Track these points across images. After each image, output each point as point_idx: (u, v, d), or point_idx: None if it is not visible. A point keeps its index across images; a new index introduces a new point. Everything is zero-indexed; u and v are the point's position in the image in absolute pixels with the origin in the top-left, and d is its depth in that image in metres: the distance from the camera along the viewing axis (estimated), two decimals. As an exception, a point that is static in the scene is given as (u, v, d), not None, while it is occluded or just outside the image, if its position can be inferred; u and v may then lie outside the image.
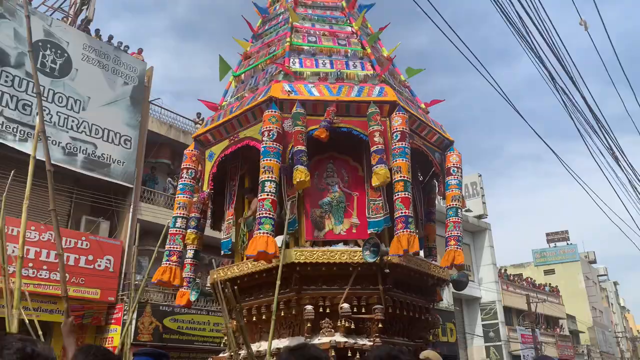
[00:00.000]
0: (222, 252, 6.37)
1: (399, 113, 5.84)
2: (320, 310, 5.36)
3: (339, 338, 5.13)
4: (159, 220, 16.24)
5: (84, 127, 16.10)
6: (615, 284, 63.46)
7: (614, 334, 52.89)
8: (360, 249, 5.41)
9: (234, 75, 7.13)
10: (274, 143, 5.50)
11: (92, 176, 15.58)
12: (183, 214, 6.45)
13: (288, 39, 6.57)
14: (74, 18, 17.97)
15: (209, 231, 18.03)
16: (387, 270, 5.20)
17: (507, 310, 32.35)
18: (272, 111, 5.64)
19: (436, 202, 7.69)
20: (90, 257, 14.90)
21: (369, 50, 6.69)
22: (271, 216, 5.28)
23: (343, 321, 5.17)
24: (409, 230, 5.31)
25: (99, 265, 15.14)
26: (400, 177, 5.53)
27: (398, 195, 5.52)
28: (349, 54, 6.70)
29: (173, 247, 6.36)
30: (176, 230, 6.40)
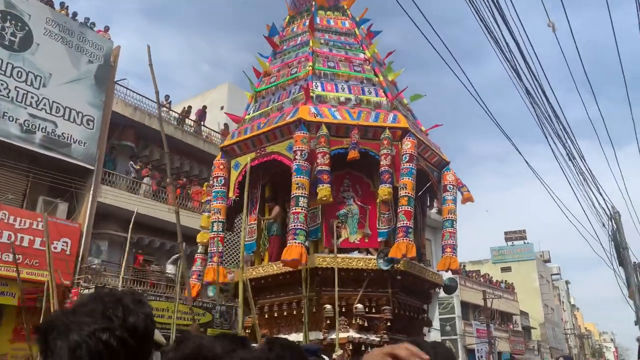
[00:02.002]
0: (246, 253, 7.38)
1: (409, 138, 7.19)
2: (337, 309, 6.55)
3: (353, 334, 6.41)
4: (120, 204, 16.46)
5: (44, 105, 15.90)
6: (567, 283, 68.63)
7: (564, 331, 57.69)
8: (373, 257, 6.74)
9: (255, 90, 8.17)
10: (305, 162, 6.74)
11: (51, 156, 15.36)
12: (219, 218, 7.49)
13: (310, 64, 7.80)
14: (38, -11, 18.24)
15: (187, 221, 18.59)
16: (399, 277, 6.53)
17: (464, 305, 34.88)
18: (303, 133, 6.84)
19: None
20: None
21: (381, 78, 8.00)
22: (305, 228, 6.51)
23: (358, 319, 6.45)
24: (408, 239, 6.67)
25: (55, 248, 15.21)
26: (405, 193, 6.88)
27: (402, 208, 6.85)
28: (363, 80, 8.02)
29: (214, 249, 7.41)
30: (215, 234, 7.45)
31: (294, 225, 6.49)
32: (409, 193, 6.89)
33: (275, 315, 6.83)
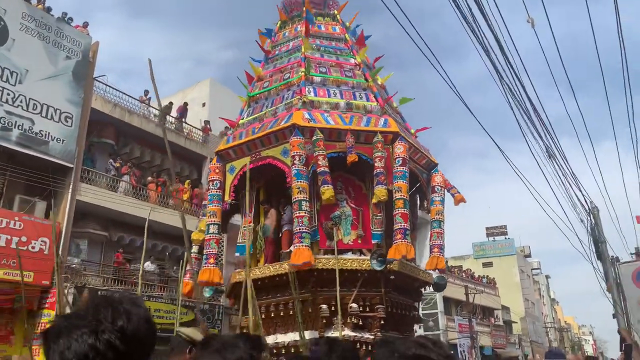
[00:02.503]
0: (237, 254, 7.77)
1: (401, 142, 7.58)
2: (332, 308, 6.85)
3: (349, 332, 6.74)
4: (100, 202, 16.88)
5: (21, 101, 15.57)
6: (547, 277, 70.45)
7: (544, 325, 59.33)
8: (367, 257, 7.09)
9: (249, 95, 8.47)
10: (304, 167, 7.08)
11: (28, 153, 15.31)
12: (215, 221, 7.84)
13: (303, 69, 8.12)
14: (13, -16, 18.04)
15: (169, 219, 18.63)
16: (392, 277, 6.94)
17: (447, 300, 35.68)
18: (299, 138, 7.17)
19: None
20: (24, 239, 14.84)
21: (371, 83, 8.36)
22: (309, 231, 6.90)
23: (352, 318, 6.80)
24: (406, 240, 7.10)
25: (33, 247, 15.03)
26: (401, 196, 7.28)
27: (398, 211, 7.25)
28: (354, 85, 8.37)
29: (210, 251, 7.77)
30: (210, 236, 7.81)
31: (299, 229, 6.87)
32: (403, 196, 7.28)
33: (272, 315, 7.17)
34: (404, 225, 7.17)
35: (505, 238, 54.06)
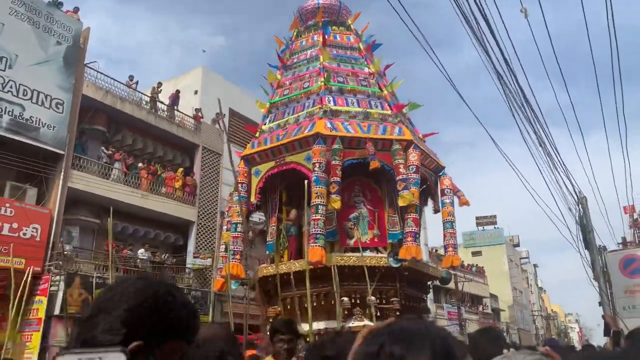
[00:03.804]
0: (267, 252, 8.86)
1: (415, 150, 8.63)
2: (352, 301, 8.06)
3: (368, 322, 7.83)
4: (91, 189, 17.31)
5: (10, 87, 15.58)
6: (535, 266, 73.04)
7: (531, 313, 61.89)
8: (383, 255, 8.22)
9: (270, 102, 9.44)
10: (324, 173, 8.09)
11: (18, 140, 15.53)
12: (240, 220, 8.88)
13: (322, 79, 9.09)
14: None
15: (161, 206, 19.34)
16: (406, 273, 8.11)
17: (436, 288, 37.35)
18: (321, 146, 8.16)
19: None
20: (15, 225, 15.23)
21: (385, 92, 9.38)
22: (324, 232, 7.90)
23: (371, 309, 7.90)
24: (416, 243, 8.25)
25: (25, 234, 15.44)
26: (413, 201, 8.30)
27: (410, 215, 8.37)
28: (370, 94, 9.40)
29: (236, 248, 8.85)
30: (237, 234, 8.89)
31: (315, 231, 7.88)
32: (415, 201, 8.37)
33: (297, 306, 8.26)
34: (414, 229, 8.31)
35: (495, 228, 56.31)
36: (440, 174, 9.65)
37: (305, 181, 8.01)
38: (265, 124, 9.38)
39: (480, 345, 2.84)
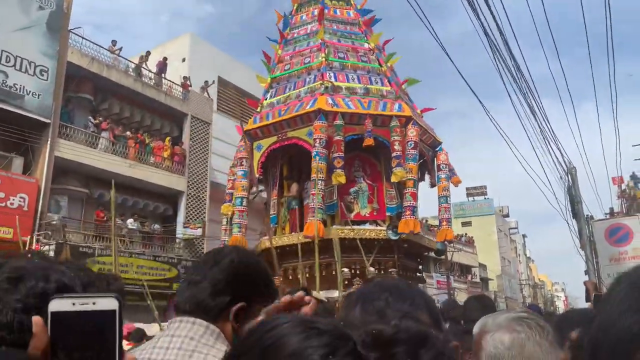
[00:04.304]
0: (271, 225, 9.30)
1: (414, 127, 9.00)
2: (352, 271, 8.54)
3: (367, 292, 8.19)
4: (79, 159, 17.17)
5: None
6: (524, 236, 74.97)
7: (519, 282, 63.74)
8: (382, 228, 8.62)
9: (271, 77, 9.70)
10: (324, 149, 8.44)
11: (2, 108, 15.19)
12: (244, 195, 9.27)
13: (323, 55, 9.32)
14: None
15: (149, 176, 19.48)
16: (405, 245, 8.60)
17: (425, 257, 38.34)
18: (322, 122, 8.48)
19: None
20: (2, 195, 15.28)
21: (384, 68, 9.63)
22: (322, 207, 8.28)
23: (370, 280, 8.17)
24: (415, 217, 8.70)
25: (12, 204, 15.43)
26: (411, 176, 8.80)
27: (408, 190, 8.78)
28: (370, 70, 9.68)
29: (241, 221, 9.22)
30: (242, 208, 9.24)
31: (313, 205, 8.31)
32: (413, 177, 8.81)
33: (299, 276, 8.72)
34: (412, 203, 8.78)
35: (485, 198, 57.51)
36: (437, 149, 10.08)
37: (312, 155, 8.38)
38: (266, 99, 9.70)
39: (469, 309, 3.16)
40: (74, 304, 0.66)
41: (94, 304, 0.66)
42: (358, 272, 8.52)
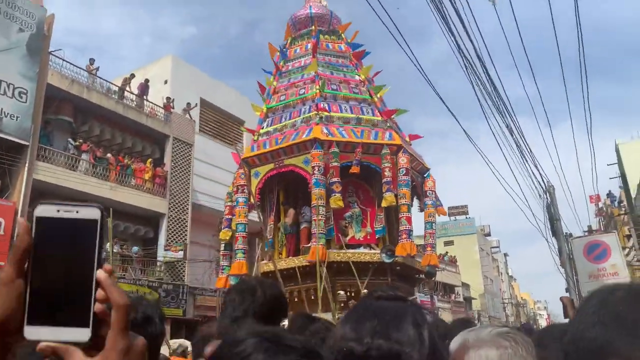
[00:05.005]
0: (265, 249, 9.98)
1: (404, 154, 9.75)
2: (347, 294, 9.19)
3: (362, 313, 8.90)
4: (59, 182, 17.50)
5: None
6: (505, 255, 76.69)
7: (502, 301, 65.10)
8: (376, 251, 9.28)
9: (267, 107, 10.50)
10: (322, 176, 9.12)
11: None
12: (242, 221, 9.98)
13: (317, 87, 10.10)
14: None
15: (130, 198, 19.94)
16: (398, 267, 9.35)
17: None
18: (319, 151, 9.17)
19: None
20: None
21: (375, 99, 10.44)
22: (324, 232, 8.97)
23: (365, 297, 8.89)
24: (410, 240, 9.40)
25: None
26: (405, 202, 9.55)
27: (403, 214, 9.48)
28: (361, 101, 10.45)
29: (242, 247, 9.93)
30: (244, 234, 9.96)
31: (317, 230, 8.97)
32: (407, 202, 9.55)
33: (296, 300, 9.38)
34: (407, 227, 9.51)
35: (466, 217, 59.13)
36: (425, 175, 10.96)
37: (309, 184, 9.15)
38: (262, 128, 10.49)
39: (456, 327, 3.82)
40: (58, 210, 0.69)
41: (77, 212, 0.69)
42: (353, 294, 9.23)
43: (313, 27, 11.35)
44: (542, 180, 15.20)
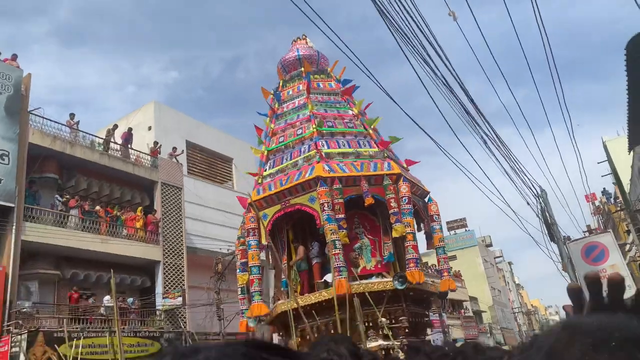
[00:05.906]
0: (282, 288, 10.63)
1: (404, 183, 10.36)
2: (365, 324, 9.74)
3: (382, 342, 9.66)
4: (48, 240, 17.85)
5: None
6: (510, 264, 77.59)
7: (512, 310, 65.81)
8: (389, 279, 9.86)
9: (267, 149, 11.24)
10: (332, 212, 9.73)
11: None
12: (256, 263, 10.61)
13: (314, 126, 10.79)
14: None
15: (122, 249, 20.45)
16: (412, 293, 10.01)
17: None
18: (324, 188, 9.76)
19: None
20: None
21: (370, 131, 11.14)
22: (345, 265, 9.59)
23: (383, 330, 9.69)
24: (418, 268, 10.02)
25: None
26: (410, 230, 10.15)
27: (409, 243, 10.09)
28: (357, 134, 11.10)
29: (258, 289, 10.59)
30: (259, 276, 10.64)
31: (337, 264, 9.55)
32: (412, 230, 10.20)
33: (316, 335, 9.96)
34: (414, 255, 10.17)
35: (466, 230, 60.13)
36: (426, 199, 11.71)
37: (317, 221, 9.83)
38: (265, 170, 11.25)
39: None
40: None
41: None
42: (371, 323, 9.89)
43: (303, 68, 11.97)
44: (533, 185, 15.82)
